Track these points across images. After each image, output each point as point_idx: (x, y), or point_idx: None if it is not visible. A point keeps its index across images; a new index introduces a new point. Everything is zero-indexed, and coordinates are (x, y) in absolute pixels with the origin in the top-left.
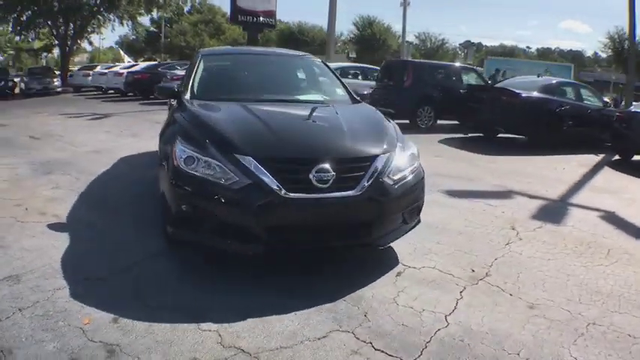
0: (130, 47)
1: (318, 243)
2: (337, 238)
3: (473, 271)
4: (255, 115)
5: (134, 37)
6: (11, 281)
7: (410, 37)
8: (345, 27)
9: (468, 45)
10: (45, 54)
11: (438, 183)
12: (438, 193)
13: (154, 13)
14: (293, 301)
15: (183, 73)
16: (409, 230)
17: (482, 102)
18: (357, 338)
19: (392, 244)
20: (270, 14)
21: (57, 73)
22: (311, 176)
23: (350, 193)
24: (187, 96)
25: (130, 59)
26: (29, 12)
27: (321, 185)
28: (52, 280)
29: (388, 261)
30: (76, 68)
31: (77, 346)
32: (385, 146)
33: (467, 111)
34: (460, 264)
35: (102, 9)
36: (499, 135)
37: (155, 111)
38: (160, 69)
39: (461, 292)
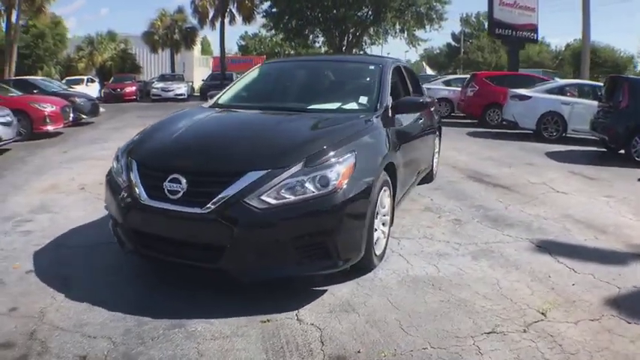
0: (433, 60)
1: (167, 256)
2: (183, 255)
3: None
4: (193, 123)
5: (437, 51)
6: (23, 234)
7: None
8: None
9: None
10: None
11: (549, 229)
12: (524, 240)
13: (429, 27)
14: (144, 312)
15: (428, 86)
16: (309, 273)
17: None
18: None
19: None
20: (531, 28)
21: None
22: (164, 185)
23: (196, 209)
24: (207, 104)
25: (432, 72)
26: (299, 22)
27: (171, 196)
28: (46, 239)
29: (274, 306)
30: None
31: None
32: (270, 162)
33: None
34: (352, 341)
35: (368, 22)
36: None
37: None
38: None
39: None
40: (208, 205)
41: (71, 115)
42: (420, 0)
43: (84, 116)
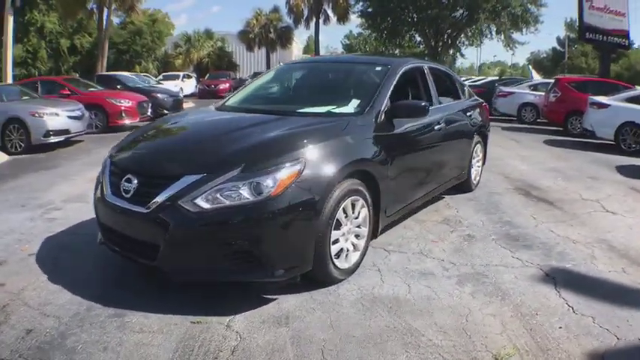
0: (539, 64)
1: (123, 250)
2: (131, 250)
3: None
4: (170, 125)
5: (544, 55)
6: (47, 221)
7: None
8: None
9: None
10: None
11: (572, 255)
12: (533, 266)
13: (525, 30)
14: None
15: (513, 90)
16: (244, 280)
17: None
18: None
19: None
20: (622, 34)
21: None
22: (121, 184)
23: (141, 209)
24: (216, 105)
25: (537, 76)
26: (394, 22)
27: (125, 195)
28: (63, 227)
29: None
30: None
31: None
32: (206, 167)
33: None
34: None
35: (463, 22)
36: None
37: None
38: (496, 84)
39: None
40: (149, 205)
41: (149, 110)
42: (515, 2)
43: (165, 111)
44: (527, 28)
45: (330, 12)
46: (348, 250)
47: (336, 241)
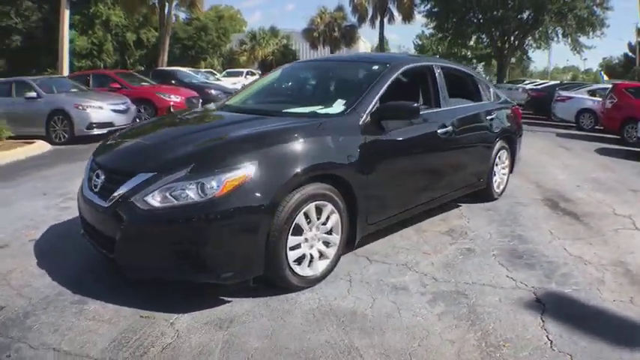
0: (611, 70)
1: (92, 240)
2: (99, 242)
3: None
4: (152, 123)
5: (616, 60)
6: (60, 209)
7: None
8: None
9: None
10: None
11: (577, 278)
12: (526, 289)
13: (591, 33)
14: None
15: (572, 94)
16: (192, 280)
17: None
18: None
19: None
20: None
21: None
22: (93, 178)
23: (103, 202)
24: (213, 105)
25: (607, 81)
26: (459, 22)
27: (94, 189)
28: (72, 215)
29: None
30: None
31: None
32: (158, 165)
33: None
34: None
35: (529, 25)
36: None
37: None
38: (557, 88)
39: None
40: (109, 199)
41: (199, 105)
42: (580, 4)
43: None
44: (594, 32)
45: (394, 11)
46: (312, 257)
47: (296, 247)
